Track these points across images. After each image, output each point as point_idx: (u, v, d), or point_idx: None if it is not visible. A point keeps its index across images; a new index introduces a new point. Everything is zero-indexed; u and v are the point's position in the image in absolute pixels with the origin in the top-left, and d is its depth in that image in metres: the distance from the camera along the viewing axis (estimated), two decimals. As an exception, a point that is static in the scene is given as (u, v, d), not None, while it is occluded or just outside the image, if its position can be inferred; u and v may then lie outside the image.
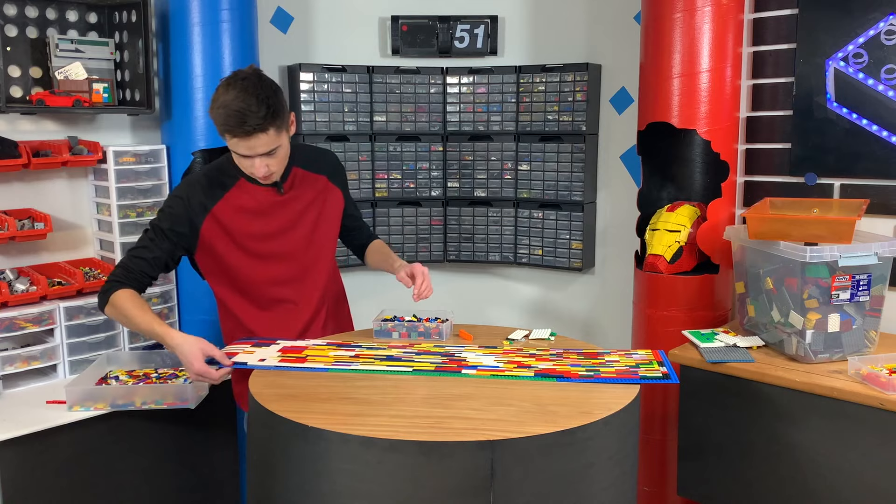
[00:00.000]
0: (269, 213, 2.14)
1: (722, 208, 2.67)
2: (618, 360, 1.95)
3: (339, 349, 2.07)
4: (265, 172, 2.01)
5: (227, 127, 1.92)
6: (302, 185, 2.19)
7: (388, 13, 3.27)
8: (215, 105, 1.93)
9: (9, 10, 2.43)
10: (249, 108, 1.88)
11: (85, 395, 2.13)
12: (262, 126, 1.91)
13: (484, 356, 2.00)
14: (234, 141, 1.94)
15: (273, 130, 1.94)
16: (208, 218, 2.08)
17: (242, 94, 1.89)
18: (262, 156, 1.98)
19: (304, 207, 2.19)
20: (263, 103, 1.90)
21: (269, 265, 2.16)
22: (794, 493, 2.14)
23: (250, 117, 1.88)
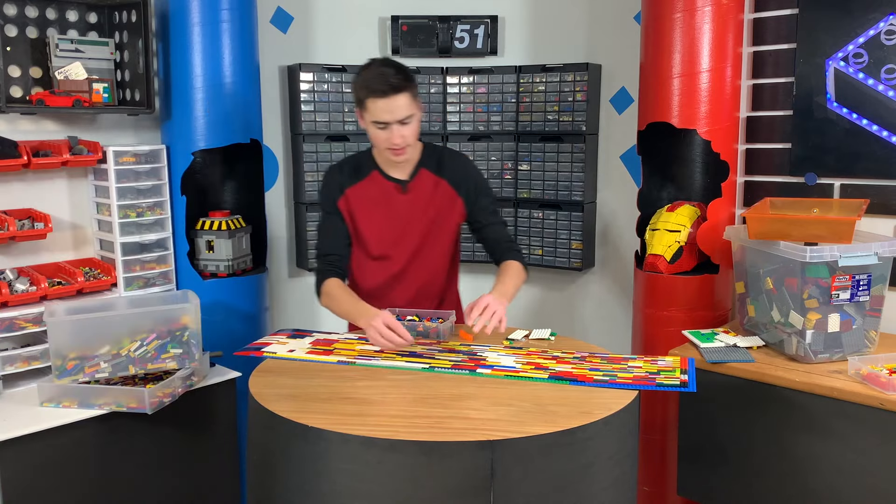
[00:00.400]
0: (390, 207, 2.31)
1: (722, 208, 2.67)
2: (640, 367, 1.94)
3: (366, 343, 2.13)
4: (402, 142, 2.17)
5: (371, 89, 2.11)
6: (424, 187, 2.33)
7: (388, 13, 3.27)
8: (358, 79, 2.18)
9: (9, 10, 2.43)
10: (388, 72, 2.13)
11: (55, 391, 2.15)
12: (401, 86, 2.11)
13: (505, 356, 2.00)
14: (376, 105, 2.12)
15: (409, 94, 2.14)
16: (343, 197, 2.32)
17: (382, 65, 2.17)
18: (399, 123, 2.14)
19: (422, 209, 2.32)
20: (401, 70, 2.16)
21: (376, 258, 2.33)
22: (794, 492, 2.14)
23: (391, 77, 2.11)
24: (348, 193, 2.32)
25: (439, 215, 2.34)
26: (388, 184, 2.32)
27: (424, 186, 2.33)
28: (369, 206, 2.32)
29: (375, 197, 2.32)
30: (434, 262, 2.38)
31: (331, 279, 2.28)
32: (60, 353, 2.14)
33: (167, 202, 2.70)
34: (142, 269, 2.66)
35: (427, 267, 2.37)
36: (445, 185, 2.34)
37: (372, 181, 2.33)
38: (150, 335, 2.23)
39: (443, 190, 2.34)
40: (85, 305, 2.38)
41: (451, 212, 2.36)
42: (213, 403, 2.38)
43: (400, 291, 2.36)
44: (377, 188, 2.32)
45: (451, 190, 2.34)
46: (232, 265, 2.81)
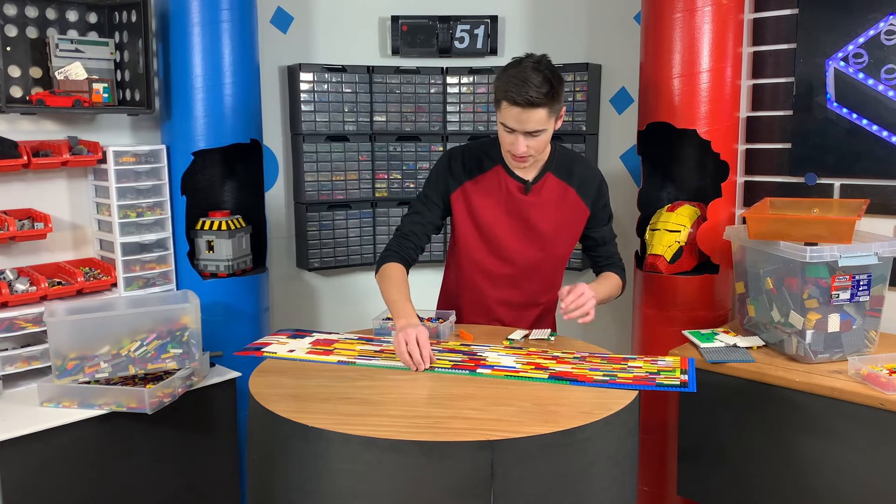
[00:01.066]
0: (511, 207, 2.23)
1: (722, 208, 2.67)
2: (640, 367, 1.94)
3: (366, 344, 2.13)
4: (524, 151, 2.07)
5: (506, 92, 1.99)
6: (550, 191, 2.24)
7: (388, 13, 3.27)
8: (503, 75, 2.03)
9: (9, 10, 2.43)
10: (534, 82, 1.96)
11: (55, 391, 2.15)
12: (539, 101, 1.97)
13: (505, 356, 2.00)
14: (507, 110, 2.01)
15: (546, 111, 2.01)
16: (459, 189, 2.24)
17: (532, 69, 1.99)
18: (527, 134, 2.04)
19: (547, 213, 2.24)
20: (547, 82, 1.98)
21: (491, 257, 2.27)
22: (794, 492, 2.14)
23: (531, 88, 1.96)
24: (467, 186, 2.24)
25: (565, 222, 2.27)
26: (512, 182, 2.22)
27: (552, 191, 2.24)
28: (490, 201, 2.23)
29: (496, 193, 2.23)
30: (550, 267, 2.32)
31: (395, 263, 2.21)
32: (60, 353, 2.14)
33: (167, 202, 2.70)
34: (142, 269, 2.66)
35: (539, 274, 2.30)
36: (574, 193, 2.25)
37: (494, 176, 2.23)
38: (150, 335, 2.23)
39: (571, 198, 2.25)
40: (85, 305, 2.38)
41: (577, 221, 2.29)
42: (213, 403, 2.38)
43: (509, 293, 2.30)
44: (499, 184, 2.23)
45: (579, 200, 2.26)
46: (232, 265, 2.81)
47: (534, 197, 2.22)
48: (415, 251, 2.26)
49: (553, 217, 2.24)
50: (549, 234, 2.25)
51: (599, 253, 2.37)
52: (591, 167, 2.35)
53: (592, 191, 2.27)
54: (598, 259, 2.38)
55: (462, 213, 2.26)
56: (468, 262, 2.30)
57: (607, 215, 2.35)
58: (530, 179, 2.22)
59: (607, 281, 2.31)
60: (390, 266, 2.20)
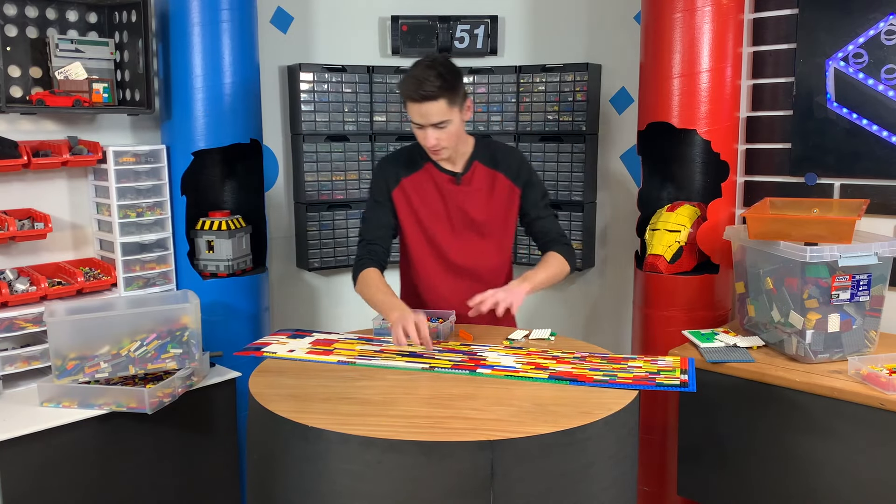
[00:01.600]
0: (447, 199, 2.33)
1: (722, 208, 2.67)
2: (640, 367, 1.94)
3: (367, 343, 2.13)
4: (434, 144, 2.20)
5: (405, 92, 2.15)
6: (479, 180, 2.35)
7: (388, 13, 3.28)
8: (403, 76, 2.18)
9: (9, 10, 2.43)
10: (427, 77, 2.11)
11: (55, 391, 2.15)
12: (435, 94, 2.11)
13: (505, 356, 2.00)
14: (410, 107, 2.17)
15: (444, 102, 2.13)
16: (399, 187, 2.34)
17: (425, 67, 2.14)
18: (433, 127, 2.16)
19: (480, 200, 2.34)
20: (440, 76, 2.12)
21: (435, 247, 2.35)
22: (795, 492, 2.14)
23: (426, 84, 2.11)
24: (404, 183, 2.34)
25: (498, 206, 2.36)
26: (443, 175, 2.33)
27: (482, 179, 2.35)
28: (428, 197, 2.34)
29: (430, 188, 2.34)
30: (492, 256, 2.39)
31: (370, 269, 2.29)
32: (60, 353, 2.14)
33: (167, 202, 2.70)
34: (142, 269, 2.66)
35: (488, 263, 2.37)
36: (502, 177, 2.35)
37: (426, 173, 2.34)
38: (150, 335, 2.23)
39: (500, 183, 2.35)
40: (85, 305, 2.38)
41: (511, 204, 2.37)
42: (213, 403, 2.38)
43: (455, 284, 2.35)
44: (432, 179, 2.34)
45: (508, 182, 2.36)
46: (232, 265, 2.81)
47: (466, 187, 2.33)
48: (384, 254, 2.34)
49: (487, 203, 2.34)
50: (487, 219, 2.34)
51: (537, 229, 2.42)
52: (512, 150, 2.46)
53: (517, 170, 2.37)
54: (539, 236, 2.42)
55: (404, 210, 2.35)
56: (418, 258, 2.38)
57: (539, 191, 2.41)
58: (460, 171, 2.33)
59: (544, 264, 2.34)
60: (366, 272, 2.28)
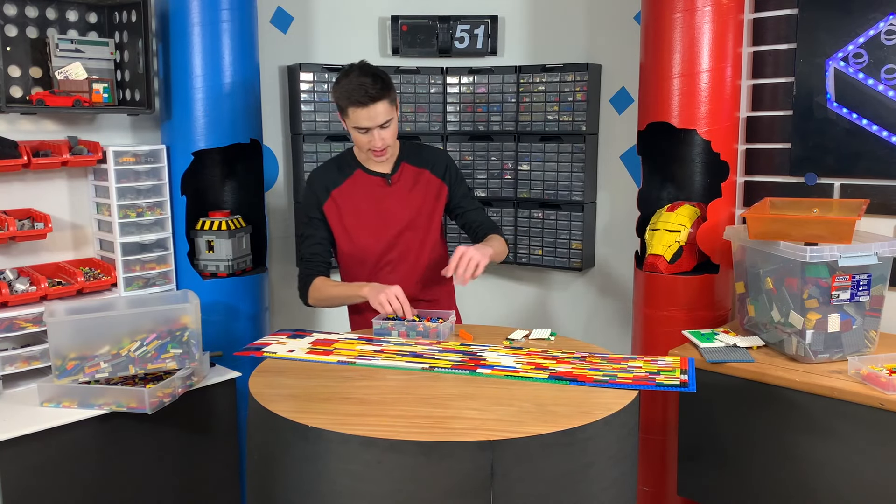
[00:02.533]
0: (379, 200, 2.41)
1: (722, 208, 2.67)
2: (640, 367, 1.94)
3: (367, 343, 2.13)
4: (382, 144, 2.29)
5: (351, 100, 2.22)
6: (408, 178, 2.44)
7: (388, 13, 3.28)
8: (339, 88, 2.26)
9: (9, 10, 2.43)
10: (365, 82, 2.21)
11: (55, 391, 2.15)
12: (380, 94, 2.21)
13: (505, 356, 2.00)
14: (357, 113, 2.23)
15: (388, 101, 2.25)
16: (329, 199, 2.41)
17: (361, 73, 2.23)
18: (380, 127, 2.25)
19: (410, 198, 2.43)
20: (379, 78, 2.24)
21: (369, 249, 2.40)
22: (794, 492, 2.14)
23: (370, 87, 2.21)
24: (335, 195, 2.41)
25: (426, 203, 2.44)
26: (374, 179, 2.42)
27: (408, 178, 2.44)
28: (358, 202, 2.40)
29: (363, 193, 2.41)
30: (427, 251, 2.45)
31: (317, 278, 2.39)
32: (60, 353, 2.14)
33: (167, 202, 2.70)
34: (142, 269, 2.66)
35: (421, 257, 2.43)
36: (428, 174, 2.46)
37: (357, 179, 2.42)
38: (150, 335, 2.23)
39: (426, 179, 2.45)
40: (85, 305, 2.38)
41: (437, 199, 2.46)
42: (213, 403, 2.38)
43: (394, 278, 2.38)
44: (363, 185, 2.41)
45: (434, 178, 2.46)
46: (232, 265, 2.81)
47: (397, 186, 2.42)
48: (324, 267, 2.42)
49: (415, 200, 2.43)
50: (414, 215, 2.42)
51: (472, 220, 2.51)
52: (436, 148, 2.57)
53: (443, 167, 2.47)
54: (474, 226, 2.51)
55: (335, 221, 2.41)
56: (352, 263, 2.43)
57: (465, 185, 2.53)
58: (389, 172, 2.42)
59: (494, 241, 2.41)
60: (314, 282, 2.38)
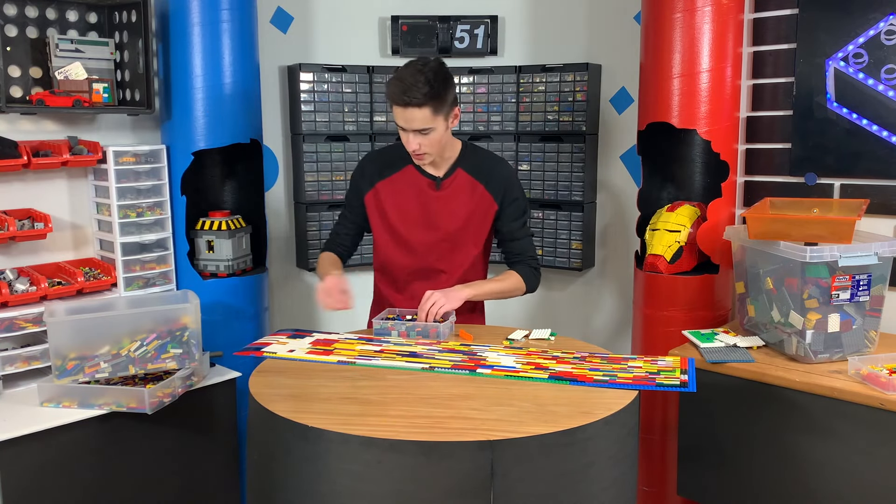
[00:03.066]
0: (423, 203, 2.32)
1: (722, 208, 2.67)
2: (640, 367, 1.94)
3: (367, 344, 2.13)
4: (416, 149, 2.19)
5: (390, 95, 2.13)
6: (459, 187, 2.32)
7: (388, 13, 3.28)
8: (393, 77, 2.14)
9: (9, 10, 2.43)
10: (415, 83, 2.08)
11: (55, 391, 2.15)
12: (419, 101, 2.09)
13: (505, 356, 2.00)
14: (395, 110, 2.15)
15: (429, 110, 2.11)
16: (372, 190, 2.35)
17: (414, 71, 2.11)
18: (416, 132, 2.15)
19: (456, 208, 2.32)
20: (428, 83, 2.09)
21: (409, 253, 2.35)
22: (794, 492, 2.14)
23: (412, 90, 2.08)
24: (379, 187, 2.34)
25: (473, 217, 2.33)
26: (423, 179, 2.32)
27: (460, 186, 2.32)
28: (401, 199, 2.33)
29: (408, 191, 2.33)
30: (464, 262, 2.36)
31: (326, 252, 2.43)
32: (60, 353, 2.14)
33: (167, 202, 2.70)
34: (142, 269, 2.66)
35: (456, 267, 2.36)
36: (482, 189, 2.32)
37: (405, 174, 2.33)
38: (150, 335, 2.23)
39: (479, 193, 2.32)
40: (85, 305, 2.38)
41: (485, 216, 2.34)
42: (213, 403, 2.38)
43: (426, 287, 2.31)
44: (410, 182, 2.33)
45: (487, 195, 2.32)
46: (232, 265, 2.81)
47: (445, 192, 2.32)
48: (344, 249, 2.45)
49: (461, 211, 2.32)
50: (458, 227, 2.32)
51: (508, 248, 2.40)
52: (502, 163, 2.41)
53: (501, 185, 2.33)
54: (507, 255, 2.41)
55: (374, 214, 2.36)
56: (388, 260, 2.39)
57: (519, 210, 2.36)
58: (441, 176, 2.32)
59: (499, 277, 2.35)
60: (323, 255, 2.43)
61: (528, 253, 2.39)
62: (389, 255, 2.38)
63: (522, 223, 2.39)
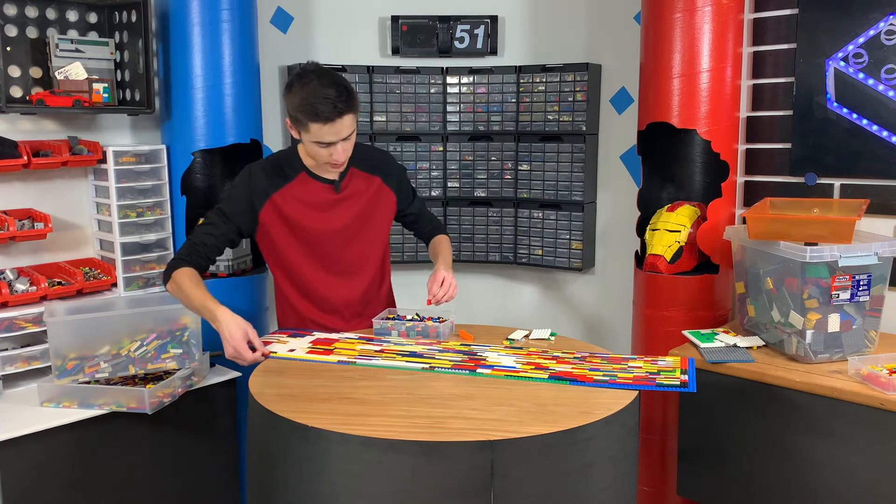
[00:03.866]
0: (325, 208, 2.25)
1: (722, 208, 2.67)
2: (640, 367, 1.94)
3: (367, 343, 2.13)
4: (345, 158, 2.13)
5: (316, 115, 2.01)
6: (357, 185, 2.30)
7: (388, 13, 3.27)
8: (297, 100, 2.04)
9: (9, 10, 2.43)
10: (336, 93, 2.01)
11: (55, 391, 2.15)
12: (347, 108, 2.03)
13: (505, 356, 2.00)
14: (321, 129, 2.03)
15: (354, 113, 2.07)
16: (268, 203, 2.21)
17: (322, 84, 2.02)
18: (343, 141, 2.08)
19: (357, 206, 2.30)
20: (343, 89, 2.03)
21: (319, 259, 2.27)
22: (794, 492, 2.14)
23: (337, 101, 2.01)
24: (275, 198, 2.20)
25: (376, 212, 2.34)
26: (320, 185, 2.25)
27: (358, 186, 2.30)
28: (303, 208, 2.23)
29: (307, 197, 2.23)
30: (375, 258, 2.37)
31: (185, 268, 2.11)
32: (60, 353, 2.14)
33: (167, 202, 2.70)
34: (142, 269, 2.66)
35: (370, 264, 2.35)
36: (379, 181, 2.34)
37: (301, 183, 2.23)
38: (150, 335, 2.23)
39: (376, 188, 2.33)
40: (85, 305, 2.39)
41: (386, 208, 2.38)
42: (213, 403, 2.38)
43: (345, 291, 2.31)
44: (307, 189, 2.24)
45: (385, 187, 2.35)
46: (232, 265, 2.81)
47: (345, 193, 2.28)
48: (205, 261, 2.18)
49: (366, 208, 2.31)
50: (366, 224, 2.31)
51: (422, 221, 2.51)
52: (384, 152, 2.45)
53: (395, 175, 2.38)
54: (423, 227, 2.52)
55: (278, 226, 2.22)
56: (301, 268, 2.27)
57: (411, 190, 2.47)
58: (337, 178, 2.26)
59: (444, 246, 2.45)
60: (182, 271, 2.11)
61: (430, 216, 2.55)
62: (301, 265, 2.26)
63: (415, 196, 2.49)
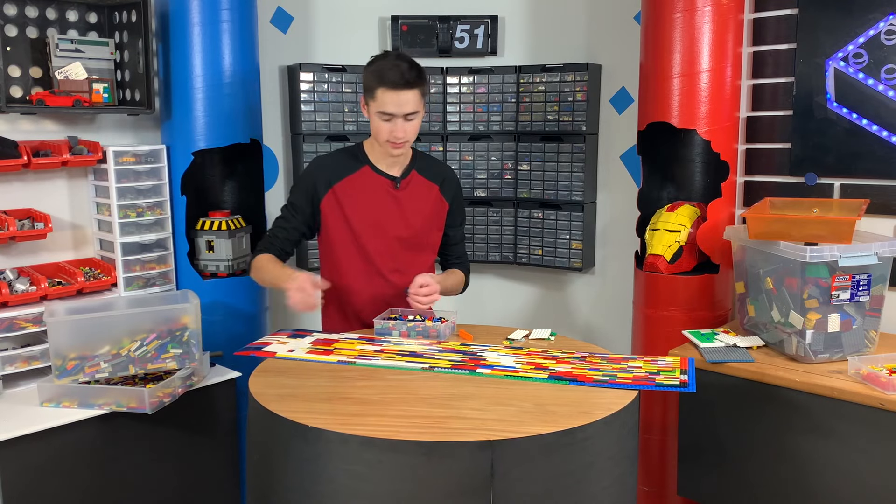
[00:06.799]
0: (382, 203, 2.31)
1: (722, 208, 2.67)
2: (640, 367, 1.94)
3: (367, 343, 2.13)
4: (403, 136, 2.19)
5: (384, 80, 2.13)
6: (417, 187, 2.36)
7: (388, 13, 3.27)
8: (370, 67, 2.19)
9: (9, 10, 2.43)
10: (408, 66, 2.14)
11: (55, 391, 2.15)
12: (414, 81, 2.14)
13: (505, 356, 2.00)
14: (386, 96, 2.14)
15: (419, 92, 2.18)
16: (329, 192, 2.29)
17: (398, 58, 2.16)
18: (404, 118, 2.17)
19: (414, 208, 2.35)
20: (415, 67, 2.17)
21: (368, 254, 2.32)
22: (794, 492, 2.14)
23: (407, 72, 2.13)
24: (336, 188, 2.30)
25: (432, 217, 2.39)
26: (382, 179, 2.32)
27: (417, 187, 2.36)
28: (361, 199, 2.31)
29: (367, 191, 2.31)
30: (422, 262, 2.39)
31: (263, 254, 2.30)
32: (60, 353, 2.14)
33: (167, 202, 2.70)
34: (142, 269, 2.66)
35: (414, 266, 2.36)
36: (437, 191, 2.39)
37: (363, 175, 2.32)
38: (150, 335, 2.23)
39: (435, 195, 2.39)
40: (85, 305, 2.39)
41: (440, 218, 2.42)
42: (213, 403, 2.38)
43: (383, 287, 2.34)
44: (369, 182, 2.32)
45: (441, 197, 2.40)
46: (232, 265, 2.81)
47: (404, 192, 2.34)
48: (280, 253, 2.32)
49: (422, 210, 2.36)
50: (417, 231, 2.36)
51: (451, 252, 2.51)
52: (450, 169, 2.50)
53: (452, 189, 2.43)
54: (449, 257, 2.53)
55: (335, 216, 2.31)
56: (346, 264, 2.34)
57: (462, 214, 2.51)
58: (398, 176, 2.33)
59: (453, 276, 2.48)
60: (260, 257, 2.29)
61: (465, 257, 2.56)
62: (349, 259, 2.33)
63: (463, 229, 2.52)
